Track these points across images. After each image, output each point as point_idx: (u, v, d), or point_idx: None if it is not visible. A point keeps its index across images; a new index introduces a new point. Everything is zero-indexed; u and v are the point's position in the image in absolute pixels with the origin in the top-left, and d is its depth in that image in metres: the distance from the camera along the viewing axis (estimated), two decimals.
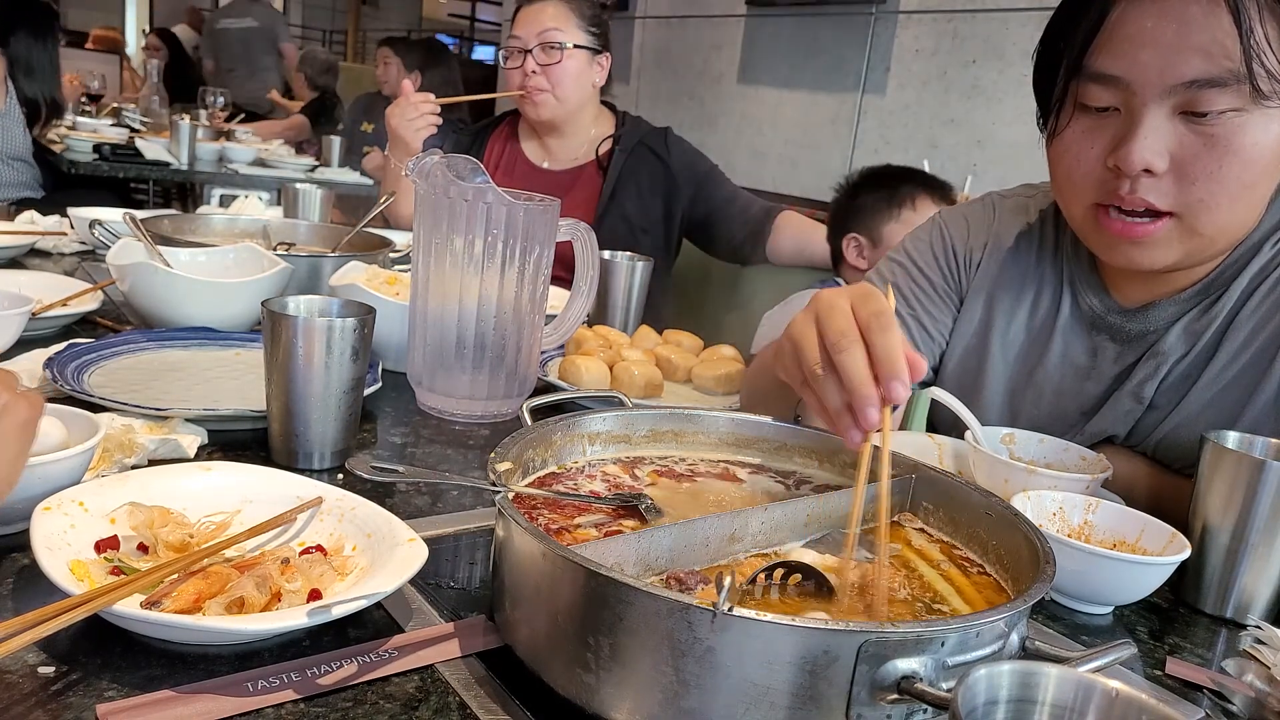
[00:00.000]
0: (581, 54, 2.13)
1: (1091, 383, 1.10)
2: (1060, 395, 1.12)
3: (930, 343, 1.22)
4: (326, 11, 15.10)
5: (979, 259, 1.20)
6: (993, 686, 0.44)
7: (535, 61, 2.10)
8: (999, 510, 0.74)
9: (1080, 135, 0.97)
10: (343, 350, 0.92)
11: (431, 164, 1.08)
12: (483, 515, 0.88)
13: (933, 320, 1.22)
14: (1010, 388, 1.16)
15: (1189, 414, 1.03)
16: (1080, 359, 1.11)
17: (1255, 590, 0.85)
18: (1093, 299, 1.10)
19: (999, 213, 1.21)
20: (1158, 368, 1.04)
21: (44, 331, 1.25)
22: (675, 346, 1.40)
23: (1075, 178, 0.99)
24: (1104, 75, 0.93)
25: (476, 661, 0.64)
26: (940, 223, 1.25)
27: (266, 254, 1.41)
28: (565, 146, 2.23)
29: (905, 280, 1.23)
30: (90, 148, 3.65)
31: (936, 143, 3.26)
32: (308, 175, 4.07)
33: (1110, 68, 0.92)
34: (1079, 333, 1.12)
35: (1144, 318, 1.06)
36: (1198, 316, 1.03)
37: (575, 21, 2.12)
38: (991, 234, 1.20)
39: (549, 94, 2.12)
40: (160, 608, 0.62)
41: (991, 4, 3.11)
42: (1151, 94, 0.90)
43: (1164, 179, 0.92)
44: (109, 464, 0.84)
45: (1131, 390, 1.05)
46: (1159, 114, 0.91)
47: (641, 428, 0.89)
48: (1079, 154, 0.98)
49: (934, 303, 1.22)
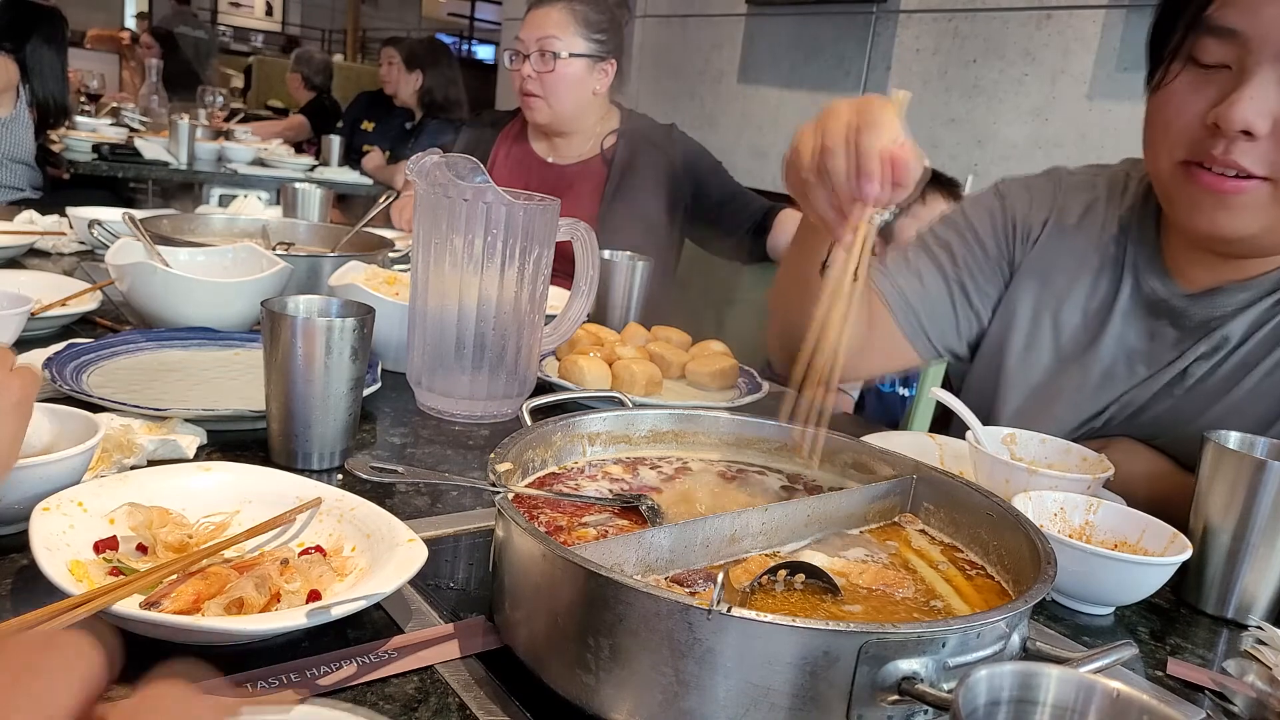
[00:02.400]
0: (579, 62, 2.13)
1: (1144, 367, 1.08)
2: (1110, 379, 1.10)
3: (969, 311, 1.20)
4: (326, 11, 15.10)
5: (1038, 234, 1.18)
6: (994, 687, 0.44)
7: (532, 67, 2.12)
8: (1000, 511, 0.74)
9: (1185, 88, 0.96)
10: (342, 350, 0.92)
11: (431, 164, 1.07)
12: (483, 515, 0.88)
13: (977, 289, 1.20)
14: (1059, 369, 1.14)
15: (1235, 403, 1.02)
16: (1136, 343, 1.09)
17: (1256, 591, 0.85)
18: (1155, 283, 1.09)
19: (1064, 188, 1.19)
20: (1214, 350, 1.03)
21: (43, 331, 1.25)
22: (665, 343, 1.40)
23: (1172, 131, 0.98)
24: (1222, 28, 0.92)
25: (476, 662, 0.64)
26: (1002, 191, 1.23)
27: (266, 254, 1.41)
28: (570, 144, 2.26)
29: (959, 242, 1.21)
30: (90, 147, 3.65)
31: (937, 142, 3.26)
32: (307, 175, 4.07)
33: (1230, 21, 0.92)
34: (1138, 316, 1.10)
35: (1209, 303, 1.05)
36: (1271, 306, 1.02)
37: (576, 29, 2.12)
38: (1054, 209, 1.18)
39: (542, 100, 2.14)
40: (159, 608, 0.61)
41: (991, 4, 3.10)
42: (1267, 52, 0.89)
43: (1261, 143, 0.91)
44: (108, 464, 0.84)
45: (1182, 369, 1.04)
46: (1270, 76, 0.90)
47: (641, 428, 0.88)
48: (1180, 106, 0.97)
49: (982, 271, 1.20)
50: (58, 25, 3.66)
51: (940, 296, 1.20)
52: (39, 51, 3.49)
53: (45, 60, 3.53)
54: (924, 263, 1.21)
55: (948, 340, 1.21)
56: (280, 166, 4.15)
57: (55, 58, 3.60)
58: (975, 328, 1.21)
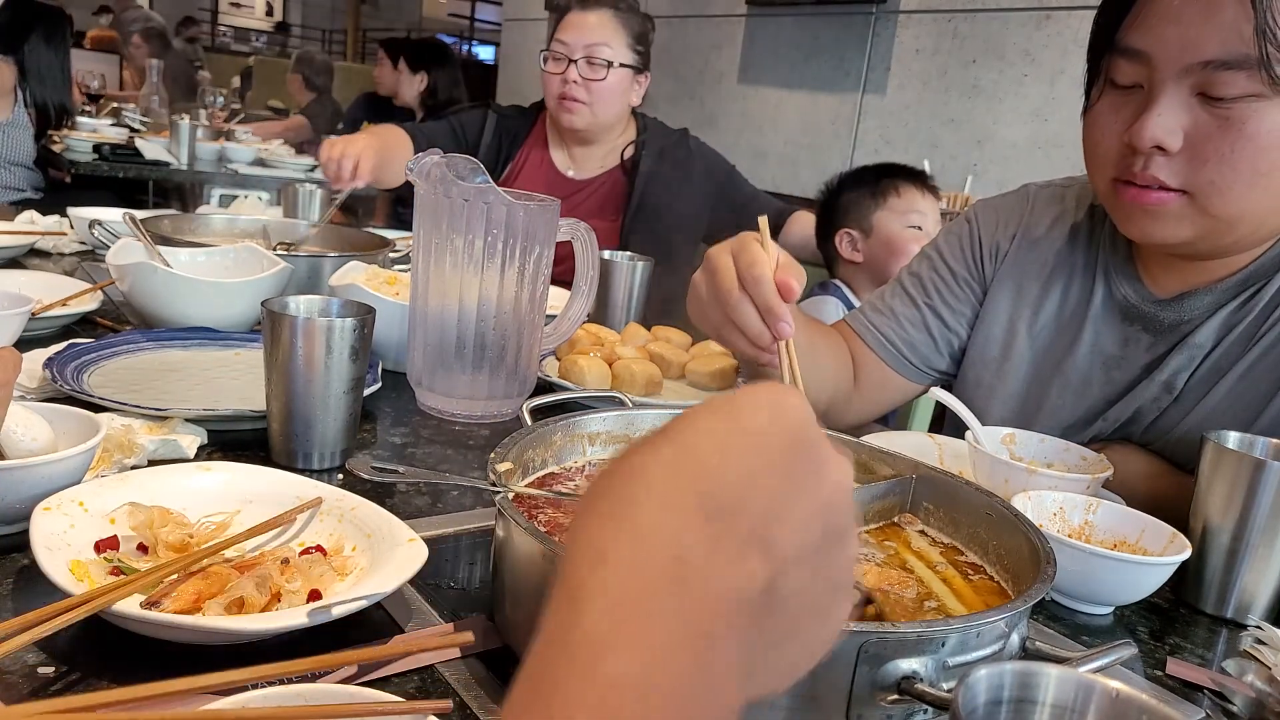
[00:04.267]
0: (625, 72, 2.11)
1: (1120, 372, 1.10)
2: (1087, 384, 1.12)
3: (947, 333, 1.24)
4: (326, 11, 15.11)
5: (1006, 249, 1.21)
6: (993, 687, 0.44)
7: (579, 72, 2.07)
8: (999, 510, 0.74)
9: (1107, 109, 1.00)
10: (342, 350, 0.92)
11: (431, 164, 1.07)
12: (483, 515, 0.88)
13: (951, 311, 1.23)
14: (1037, 377, 1.16)
15: (1213, 407, 1.03)
16: (1111, 348, 1.11)
17: (1256, 590, 0.85)
18: (1127, 288, 1.11)
19: (1033, 202, 1.23)
20: (1191, 359, 1.04)
21: (44, 331, 1.25)
22: (665, 343, 1.40)
23: (1100, 151, 1.01)
24: (1129, 50, 0.96)
25: (476, 662, 0.64)
26: (972, 215, 1.27)
27: (266, 254, 1.41)
28: (591, 155, 2.23)
29: (929, 272, 1.25)
30: (90, 148, 3.65)
31: (937, 143, 3.26)
32: (308, 175, 4.07)
33: (1136, 42, 0.95)
34: (1111, 322, 1.12)
35: (1179, 307, 1.06)
36: (1236, 309, 1.03)
37: (624, 39, 2.10)
38: (1022, 225, 1.21)
39: (586, 107, 2.10)
40: (160, 608, 0.62)
41: (991, 4, 3.11)
42: (1170, 71, 0.92)
43: (1176, 158, 0.94)
44: (109, 464, 0.84)
45: (1163, 381, 1.05)
46: (1177, 93, 0.92)
47: (641, 428, 0.88)
48: (1104, 128, 1.00)
49: (954, 294, 1.23)
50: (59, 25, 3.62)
51: (915, 323, 1.24)
52: (38, 52, 3.46)
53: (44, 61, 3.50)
54: (897, 299, 1.27)
55: (931, 361, 1.25)
56: (281, 167, 4.14)
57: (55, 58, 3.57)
58: (955, 343, 1.24)
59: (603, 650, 0.29)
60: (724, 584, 0.33)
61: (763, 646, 0.35)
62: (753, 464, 0.35)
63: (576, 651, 0.29)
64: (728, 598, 0.32)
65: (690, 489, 0.34)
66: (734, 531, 0.33)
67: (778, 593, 0.35)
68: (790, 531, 0.35)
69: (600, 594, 0.31)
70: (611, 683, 0.29)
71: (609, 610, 0.30)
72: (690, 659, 0.30)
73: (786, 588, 0.35)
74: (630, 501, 0.33)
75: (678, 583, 0.31)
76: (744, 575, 0.33)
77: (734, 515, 0.34)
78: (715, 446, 0.35)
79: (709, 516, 0.33)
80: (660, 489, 0.34)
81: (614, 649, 0.29)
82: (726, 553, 0.33)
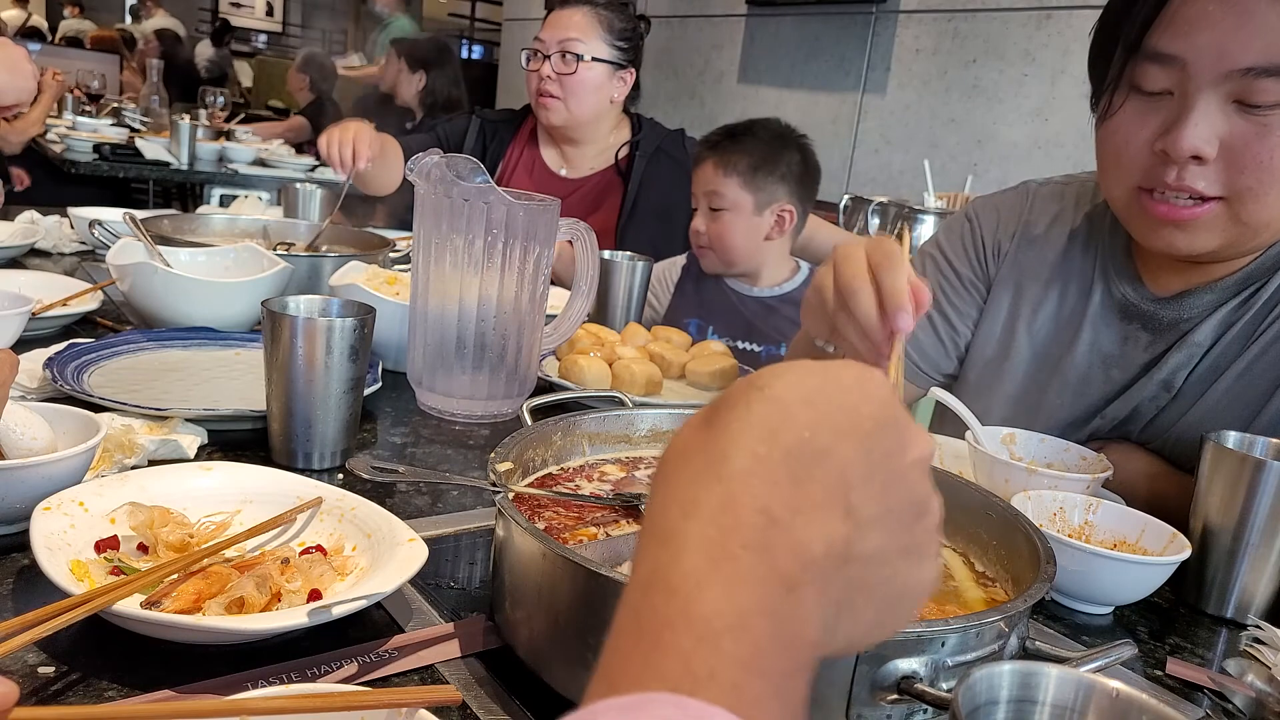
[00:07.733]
0: (601, 67, 2.11)
1: (1119, 371, 1.10)
2: (1086, 383, 1.12)
3: (954, 334, 1.23)
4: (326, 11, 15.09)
5: (1008, 248, 1.20)
6: (993, 686, 0.44)
7: (552, 68, 2.08)
8: (999, 510, 0.74)
9: (1131, 117, 0.97)
10: (343, 350, 0.92)
11: (431, 164, 1.07)
12: (483, 515, 0.88)
13: (957, 312, 1.22)
14: (1036, 376, 1.16)
15: (1212, 405, 1.02)
16: (1110, 348, 1.11)
17: (1255, 590, 0.85)
18: (1126, 287, 1.10)
19: (1032, 200, 1.21)
20: (1190, 357, 1.04)
21: (44, 331, 1.25)
22: (666, 343, 1.40)
23: (1123, 160, 0.98)
24: (1162, 55, 0.92)
25: (476, 662, 0.64)
26: (972, 213, 1.25)
27: (266, 254, 1.41)
28: (583, 155, 2.22)
29: (934, 272, 1.24)
30: (90, 148, 3.65)
31: (937, 142, 3.26)
32: (308, 175, 4.07)
33: (1169, 47, 0.92)
34: (1110, 321, 1.11)
35: (1178, 306, 1.06)
36: (1235, 308, 1.03)
37: (600, 34, 2.10)
38: (1021, 223, 1.20)
39: (560, 102, 2.10)
40: (160, 608, 0.62)
41: (991, 4, 3.11)
42: (1207, 78, 0.90)
43: (1212, 166, 0.92)
44: (109, 464, 0.84)
45: (1162, 380, 1.05)
46: (1212, 100, 0.90)
47: (641, 427, 0.89)
48: (1128, 136, 0.97)
49: (959, 295, 1.22)
50: None
51: (922, 327, 1.23)
52: None
53: None
54: None
55: (940, 366, 1.24)
56: (281, 167, 4.15)
57: None
58: (961, 345, 1.24)
59: (703, 585, 0.33)
60: (806, 536, 0.36)
61: (842, 603, 0.38)
62: (840, 429, 0.38)
63: (678, 586, 0.33)
64: (809, 551, 0.36)
65: (779, 448, 0.37)
66: (816, 492, 0.37)
67: (856, 553, 0.38)
68: (869, 498, 0.38)
69: (696, 538, 0.34)
70: (712, 615, 0.32)
71: (704, 551, 0.34)
72: (776, 601, 0.34)
73: (865, 550, 0.38)
74: (721, 459, 0.37)
75: (764, 533, 0.35)
76: (824, 533, 0.36)
77: (817, 478, 0.37)
78: (806, 409, 0.38)
79: (794, 477, 0.37)
80: (750, 447, 0.37)
81: (712, 585, 0.33)
82: (808, 512, 0.36)
